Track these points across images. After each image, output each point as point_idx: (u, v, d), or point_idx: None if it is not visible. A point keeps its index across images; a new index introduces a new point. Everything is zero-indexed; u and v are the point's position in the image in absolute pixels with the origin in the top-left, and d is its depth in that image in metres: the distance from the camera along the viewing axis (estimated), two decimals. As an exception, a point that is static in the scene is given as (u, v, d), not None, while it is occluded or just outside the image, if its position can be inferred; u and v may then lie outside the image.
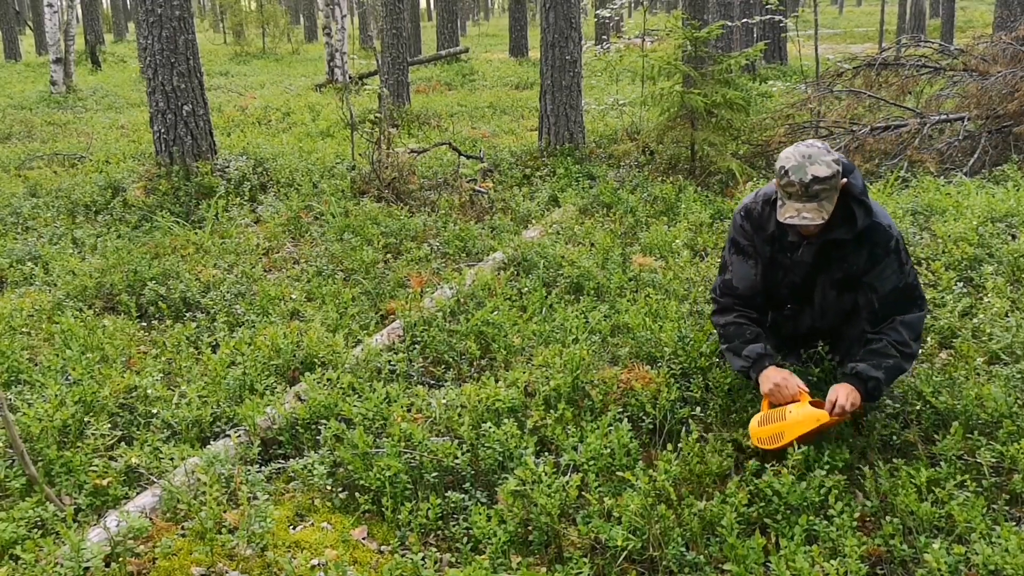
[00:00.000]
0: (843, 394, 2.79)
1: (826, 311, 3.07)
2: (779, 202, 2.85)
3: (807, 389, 2.90)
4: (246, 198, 6.75)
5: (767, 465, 2.70)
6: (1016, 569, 2.18)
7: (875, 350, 2.88)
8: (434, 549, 2.58)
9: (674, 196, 6.31)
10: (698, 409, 3.11)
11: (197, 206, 6.48)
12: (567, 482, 2.60)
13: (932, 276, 4.26)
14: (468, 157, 7.98)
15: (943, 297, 3.95)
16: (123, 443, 3.15)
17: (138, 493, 2.83)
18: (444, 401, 3.22)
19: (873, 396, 2.87)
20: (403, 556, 2.44)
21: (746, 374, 3.03)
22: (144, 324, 4.41)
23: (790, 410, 2.82)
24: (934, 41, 9.63)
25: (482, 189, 7.00)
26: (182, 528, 2.67)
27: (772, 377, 2.91)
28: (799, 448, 2.70)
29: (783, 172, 2.78)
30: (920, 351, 3.02)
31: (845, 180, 2.82)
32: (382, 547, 2.62)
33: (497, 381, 3.35)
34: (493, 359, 3.78)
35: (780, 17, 12.83)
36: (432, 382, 3.67)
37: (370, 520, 2.73)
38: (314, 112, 12.09)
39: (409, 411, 3.22)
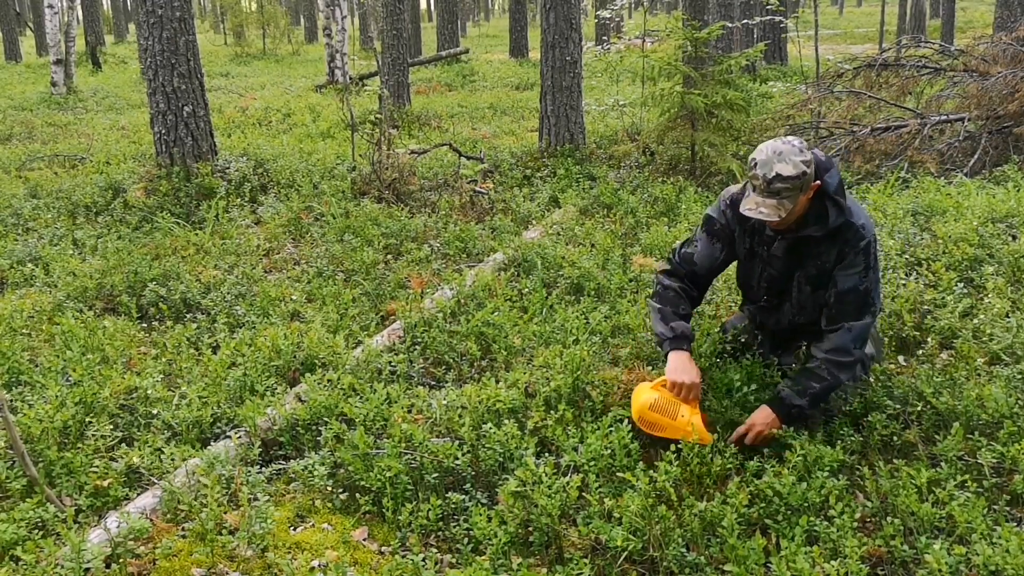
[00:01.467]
0: (759, 423, 2.89)
1: (804, 306, 3.10)
2: (745, 192, 2.91)
3: (698, 400, 2.96)
4: (246, 199, 6.76)
5: (768, 466, 2.71)
6: (1017, 570, 2.18)
7: (809, 370, 2.93)
8: (435, 550, 2.58)
9: (674, 197, 6.31)
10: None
11: (198, 207, 6.48)
12: (568, 483, 2.59)
13: (932, 277, 4.26)
14: (468, 158, 7.98)
15: (943, 298, 3.95)
16: (124, 444, 3.14)
17: (139, 494, 2.83)
18: (445, 402, 3.22)
19: (792, 422, 2.90)
20: (404, 557, 2.43)
21: (660, 343, 3.10)
22: (145, 325, 4.41)
23: (683, 413, 2.89)
24: (934, 42, 9.64)
25: (482, 190, 7.00)
26: (182, 529, 2.67)
27: (680, 367, 2.98)
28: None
29: (752, 164, 2.84)
30: (866, 357, 3.01)
31: (818, 182, 2.85)
32: (383, 548, 2.62)
33: (497, 382, 3.35)
34: (493, 360, 3.78)
35: (780, 18, 12.84)
36: (433, 383, 3.67)
37: (371, 521, 2.73)
38: (314, 113, 12.10)
39: (410, 412, 3.21)
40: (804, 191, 2.82)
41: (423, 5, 39.70)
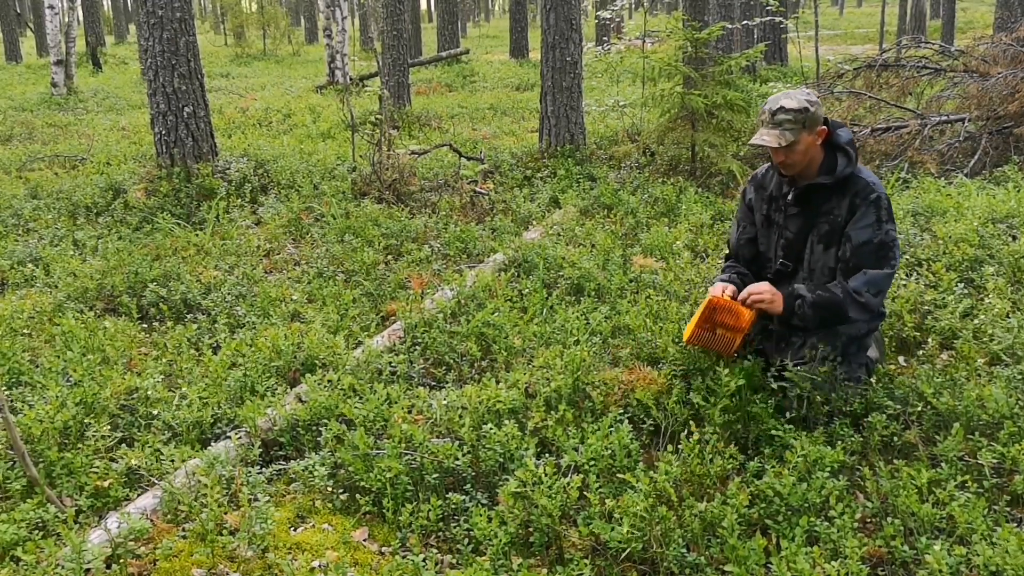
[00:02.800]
0: (765, 290, 3.02)
1: (814, 269, 3.17)
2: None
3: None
4: (247, 200, 6.76)
5: (768, 466, 2.71)
6: (1017, 570, 2.18)
7: (826, 286, 3.04)
8: (435, 550, 2.58)
9: (675, 197, 6.31)
10: (700, 410, 3.11)
11: (198, 208, 6.49)
12: (568, 483, 2.59)
13: (933, 277, 4.26)
14: (469, 158, 7.99)
15: (944, 298, 3.95)
16: (124, 444, 3.15)
17: (139, 495, 2.83)
18: (445, 402, 3.22)
19: (790, 312, 3.01)
20: (404, 557, 2.43)
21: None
22: (145, 326, 4.41)
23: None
24: (935, 42, 9.64)
25: (483, 190, 7.00)
26: (183, 530, 2.67)
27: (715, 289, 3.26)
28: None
29: (763, 106, 3.08)
30: (880, 308, 3.06)
31: (825, 128, 3.04)
32: (383, 548, 2.62)
33: (498, 382, 3.35)
34: (494, 360, 3.78)
35: (780, 18, 12.84)
36: (433, 383, 3.68)
37: (371, 521, 2.73)
38: (315, 114, 12.10)
39: (410, 412, 3.21)
40: (808, 128, 2.99)
41: (423, 6, 39.73)
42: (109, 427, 3.17)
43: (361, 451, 2.85)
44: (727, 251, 3.54)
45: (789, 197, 3.18)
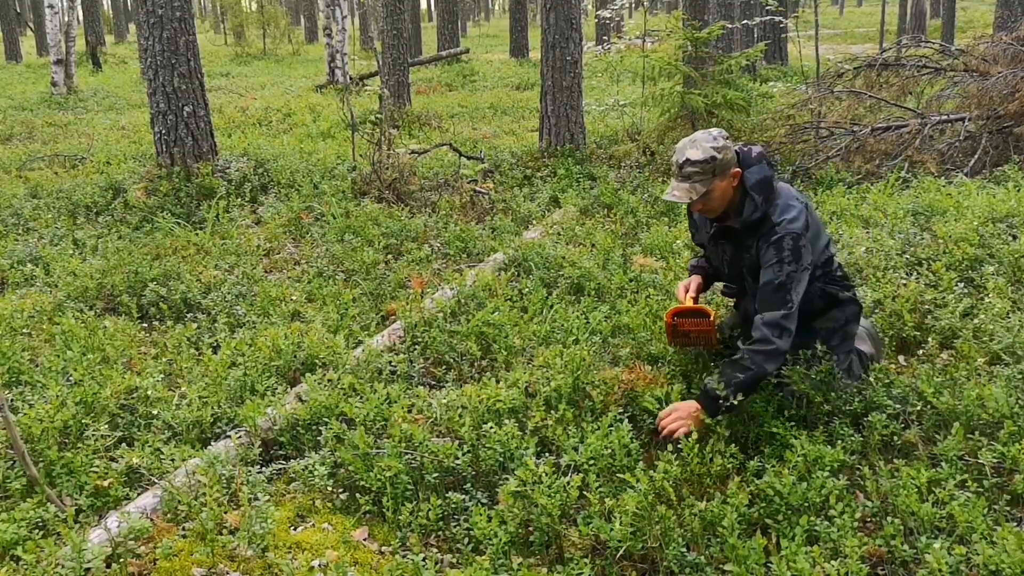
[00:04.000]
0: (680, 409, 2.95)
1: (754, 296, 3.18)
2: None
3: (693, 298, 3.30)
4: (247, 199, 6.76)
5: (768, 466, 2.71)
6: (1017, 569, 2.18)
7: (734, 361, 2.97)
8: (435, 550, 2.58)
9: (675, 197, 6.29)
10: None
11: (198, 207, 6.49)
12: (568, 483, 2.59)
13: (933, 276, 4.26)
14: (469, 158, 7.99)
15: (944, 297, 3.95)
16: (124, 444, 3.15)
17: (139, 494, 2.83)
18: (445, 402, 3.22)
19: (717, 412, 2.91)
20: (404, 557, 2.43)
21: None
22: (145, 325, 4.41)
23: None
24: (935, 42, 9.63)
25: (483, 190, 7.00)
26: (183, 529, 2.67)
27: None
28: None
29: (673, 156, 3.09)
30: (786, 347, 2.97)
31: (738, 170, 3.01)
32: (383, 548, 2.62)
33: (498, 382, 3.35)
34: (494, 360, 3.78)
35: (780, 18, 12.84)
36: (433, 383, 3.68)
37: (371, 521, 2.73)
38: (315, 113, 12.10)
39: (410, 412, 3.21)
40: (719, 175, 2.98)
41: (423, 5, 39.71)
42: (109, 426, 3.17)
43: (361, 450, 2.85)
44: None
45: (715, 232, 3.22)
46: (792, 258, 2.96)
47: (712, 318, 3.23)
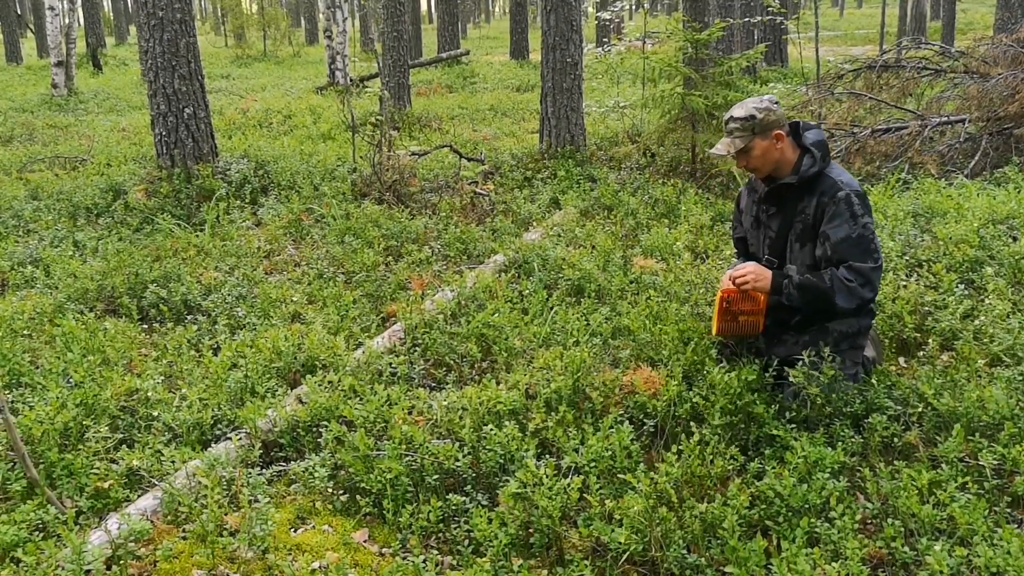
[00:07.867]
0: (753, 270, 3.13)
1: (795, 266, 3.23)
2: None
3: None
4: (247, 201, 6.76)
5: (769, 467, 2.70)
6: (1018, 571, 2.18)
7: (818, 272, 3.09)
8: (435, 552, 2.58)
9: (675, 198, 6.31)
10: (700, 410, 3.11)
11: (198, 209, 6.49)
12: (568, 484, 2.59)
13: (933, 278, 4.26)
14: (469, 159, 7.99)
15: (944, 299, 3.95)
16: (124, 446, 3.14)
17: (139, 496, 2.83)
18: (445, 403, 3.22)
19: (779, 289, 3.09)
20: (404, 559, 2.43)
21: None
22: (145, 327, 4.41)
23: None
24: (935, 43, 9.64)
25: (483, 191, 7.00)
26: (183, 531, 2.67)
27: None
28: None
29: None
30: (869, 298, 3.08)
31: (781, 132, 3.13)
32: (383, 550, 2.61)
33: (498, 383, 3.35)
34: (494, 361, 3.78)
35: (781, 19, 12.84)
36: (433, 384, 3.67)
37: (371, 523, 2.73)
38: (315, 115, 12.10)
39: (410, 413, 3.21)
40: (760, 134, 3.12)
41: (424, 7, 39.76)
42: (109, 428, 3.16)
43: (361, 452, 2.85)
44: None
45: (769, 206, 3.29)
46: (864, 211, 3.05)
47: (762, 304, 3.23)
